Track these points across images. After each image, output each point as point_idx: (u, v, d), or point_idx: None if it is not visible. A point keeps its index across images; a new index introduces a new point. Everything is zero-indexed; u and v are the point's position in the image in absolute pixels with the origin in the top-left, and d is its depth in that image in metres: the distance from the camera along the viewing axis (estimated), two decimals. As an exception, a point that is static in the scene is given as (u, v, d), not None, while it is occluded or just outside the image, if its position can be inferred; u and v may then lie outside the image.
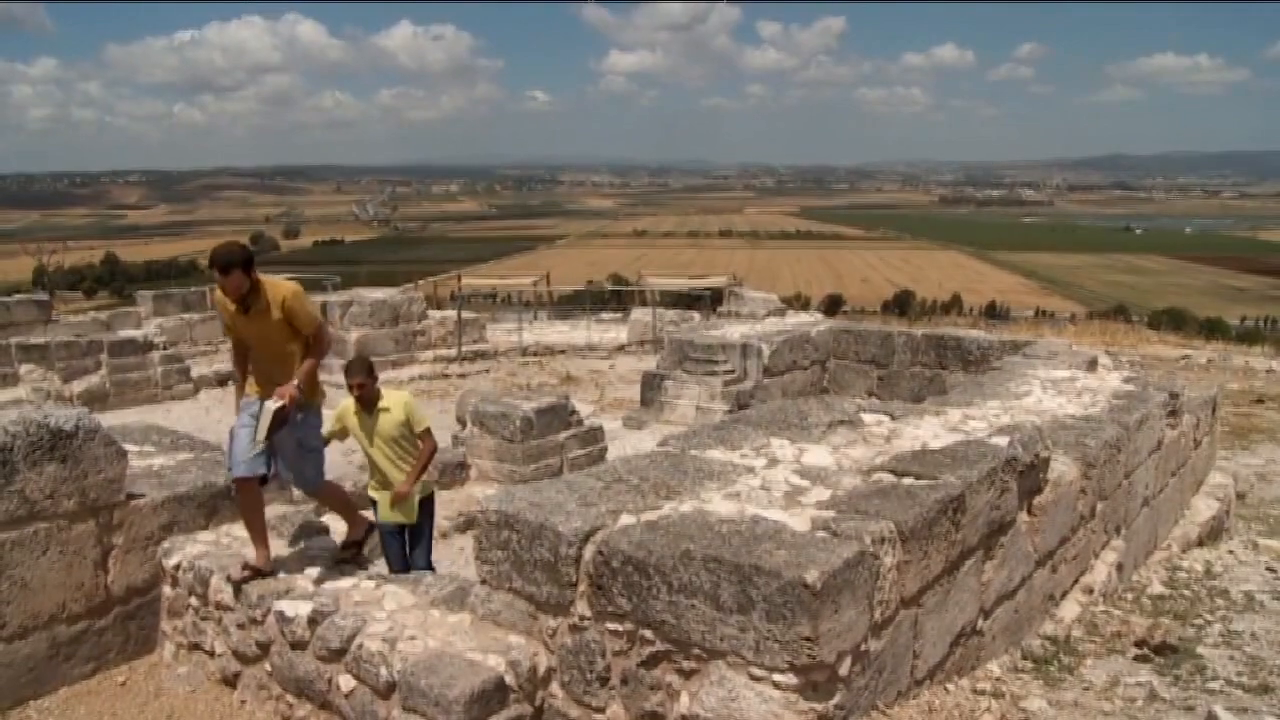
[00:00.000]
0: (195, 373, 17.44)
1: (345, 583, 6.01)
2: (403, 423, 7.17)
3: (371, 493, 7.45)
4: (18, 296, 20.27)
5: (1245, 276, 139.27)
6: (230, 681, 6.01)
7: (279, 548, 6.56)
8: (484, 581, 5.29)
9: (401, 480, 7.23)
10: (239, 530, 6.45)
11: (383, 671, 5.05)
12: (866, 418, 7.13)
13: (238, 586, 5.92)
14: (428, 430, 7.31)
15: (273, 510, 7.19)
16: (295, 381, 5.96)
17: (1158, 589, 8.00)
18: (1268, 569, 8.81)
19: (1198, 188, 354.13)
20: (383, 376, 18.10)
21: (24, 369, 15.61)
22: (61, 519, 5.76)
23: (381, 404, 7.14)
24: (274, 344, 6.09)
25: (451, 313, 21.49)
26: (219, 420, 13.79)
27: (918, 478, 5.46)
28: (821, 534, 4.60)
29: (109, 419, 7.45)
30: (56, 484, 5.69)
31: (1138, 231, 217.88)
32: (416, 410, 7.31)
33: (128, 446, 6.35)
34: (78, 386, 15.75)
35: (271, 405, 5.82)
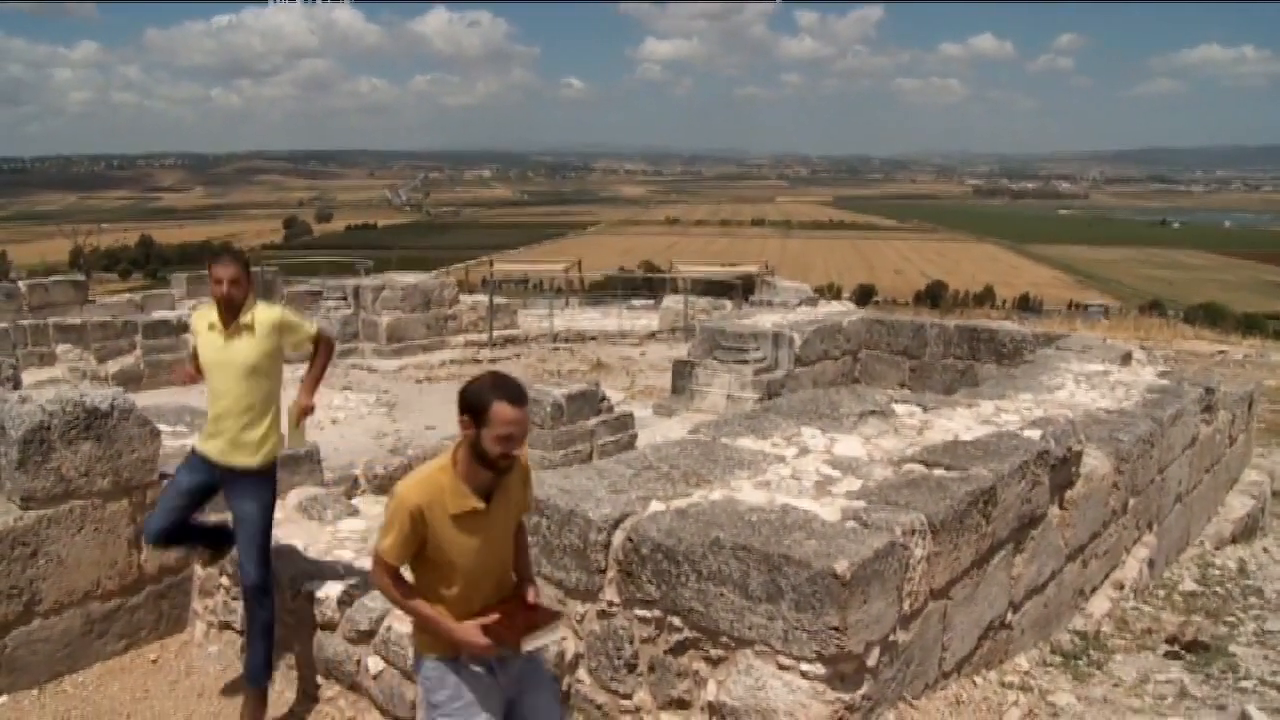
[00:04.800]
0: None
1: (375, 565, 6.04)
2: (269, 350, 5.28)
3: (200, 443, 5.44)
4: (55, 278, 20.51)
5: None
6: (260, 661, 6.06)
7: (310, 529, 6.61)
8: (513, 566, 5.30)
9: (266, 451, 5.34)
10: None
11: (411, 654, 5.07)
12: (898, 408, 7.10)
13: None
14: (320, 332, 5.58)
15: (303, 492, 7.25)
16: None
17: (1190, 586, 7.94)
18: (1303, 568, 8.72)
19: (1238, 181, 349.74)
20: (414, 360, 18.32)
21: (61, 349, 15.79)
22: (96, 497, 5.82)
23: (243, 319, 5.23)
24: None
25: (483, 298, 21.54)
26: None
27: (949, 469, 5.43)
28: (851, 524, 4.59)
29: (143, 399, 7.51)
30: (91, 463, 5.75)
31: (1175, 225, 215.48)
32: (297, 320, 5.51)
33: (161, 426, 6.41)
34: (113, 367, 15.91)
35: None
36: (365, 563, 6.05)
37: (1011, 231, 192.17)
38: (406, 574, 3.78)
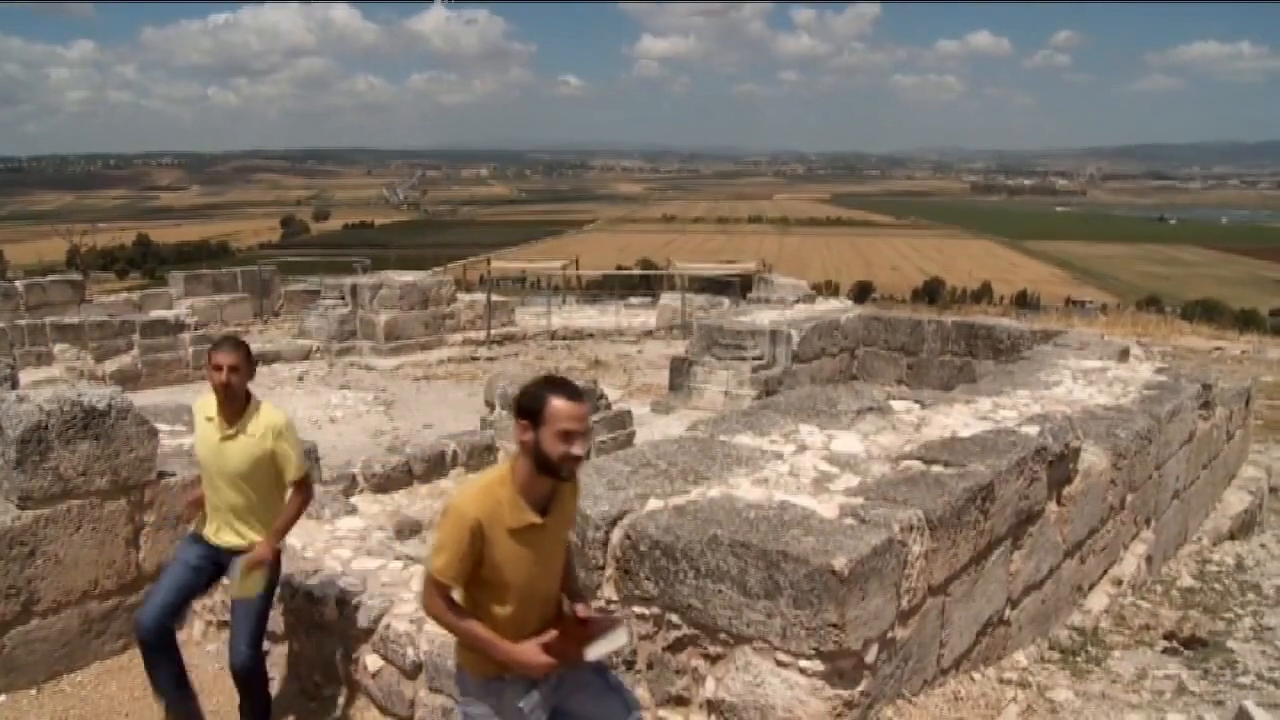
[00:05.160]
0: (226, 353, 17.55)
1: (373, 563, 6.05)
2: (261, 458, 4.90)
3: (197, 523, 5.19)
4: (52, 277, 20.49)
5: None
6: (259, 659, 6.06)
7: (308, 528, 6.61)
8: (511, 564, 5.30)
9: (257, 540, 4.95)
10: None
11: (409, 652, 5.07)
12: (896, 405, 7.10)
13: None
14: (306, 478, 5.07)
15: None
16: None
17: (1188, 582, 7.94)
18: (1300, 563, 8.72)
19: (1235, 178, 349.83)
20: (412, 358, 18.32)
21: (58, 348, 15.78)
22: (94, 496, 5.82)
23: (243, 421, 4.91)
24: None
25: (480, 296, 21.54)
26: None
27: (947, 466, 5.43)
28: (850, 521, 4.59)
29: (140, 398, 7.51)
30: (89, 462, 5.74)
31: (1172, 222, 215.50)
32: (292, 446, 4.98)
33: (159, 426, 6.41)
34: (110, 366, 15.90)
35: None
36: (363, 561, 6.07)
37: (1009, 228, 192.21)
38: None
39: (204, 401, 5.04)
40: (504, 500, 3.47)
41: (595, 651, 3.62)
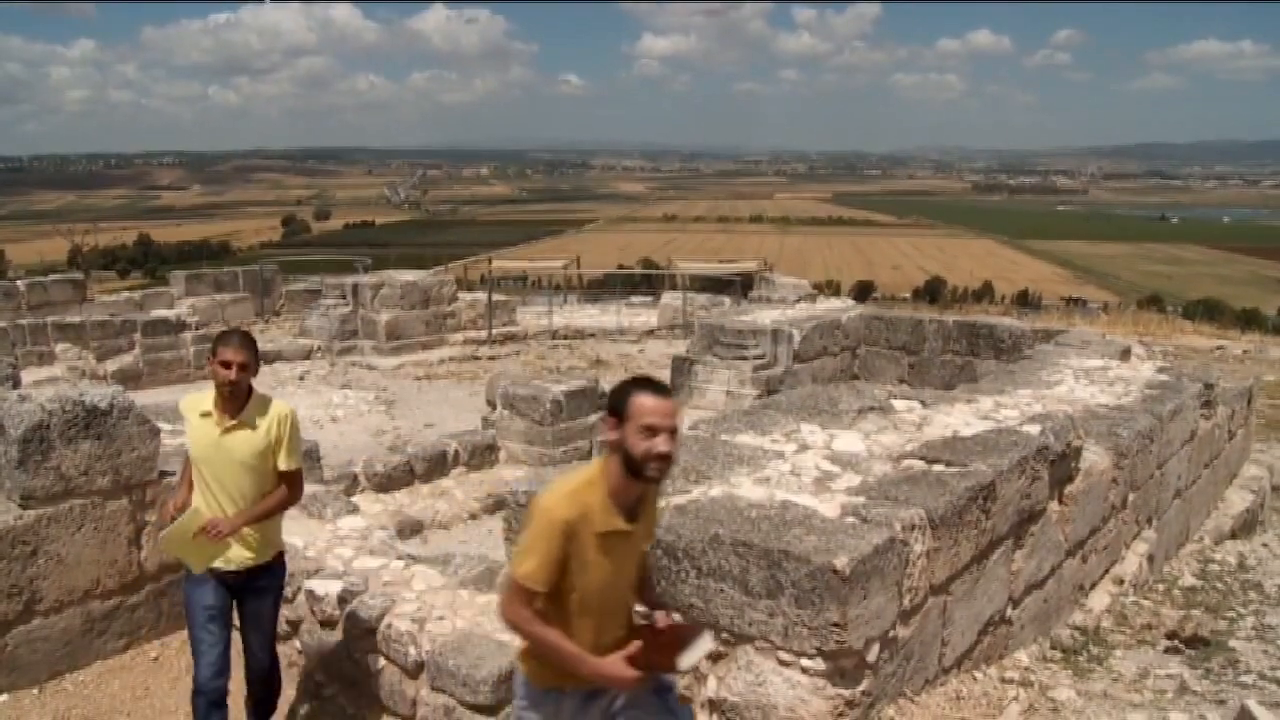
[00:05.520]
0: (227, 353, 17.55)
1: (374, 562, 6.05)
2: (265, 450, 4.70)
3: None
4: (54, 276, 20.47)
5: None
6: (261, 658, 6.06)
7: (310, 527, 6.61)
8: (513, 563, 5.31)
9: (272, 555, 4.87)
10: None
11: (411, 651, 5.07)
12: (897, 404, 7.10)
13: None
14: (298, 472, 4.85)
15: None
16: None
17: (1189, 581, 7.94)
18: (1302, 562, 8.72)
19: (1237, 176, 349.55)
20: (413, 358, 18.32)
21: (60, 347, 15.78)
22: (96, 496, 5.82)
23: (245, 415, 4.67)
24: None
25: (481, 295, 21.53)
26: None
27: (948, 465, 5.43)
28: (851, 520, 4.59)
29: (142, 398, 7.50)
30: (91, 461, 5.74)
31: (1173, 221, 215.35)
32: (293, 437, 4.80)
33: (161, 425, 6.40)
34: (112, 365, 15.91)
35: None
36: (365, 561, 6.06)
37: (1010, 227, 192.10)
38: None
39: (194, 398, 4.78)
40: (594, 503, 3.34)
41: (688, 660, 3.50)
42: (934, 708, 4.72)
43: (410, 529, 8.80)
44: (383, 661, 5.26)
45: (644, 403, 3.28)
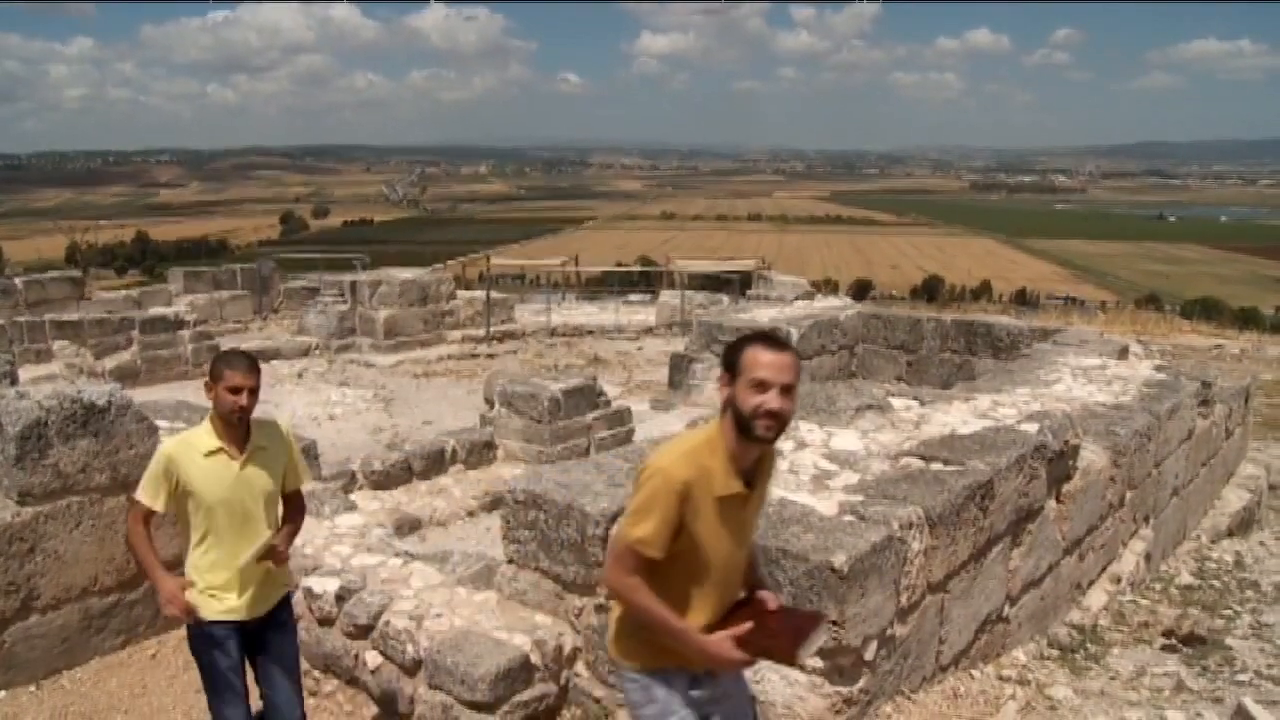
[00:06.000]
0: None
1: (372, 560, 6.05)
2: (283, 471, 4.32)
3: (204, 586, 4.17)
4: (52, 274, 20.45)
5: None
6: (258, 656, 6.06)
7: (308, 524, 6.61)
8: (510, 561, 5.31)
9: (265, 542, 4.16)
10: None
11: (409, 649, 5.08)
12: (895, 403, 7.11)
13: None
14: (297, 491, 4.47)
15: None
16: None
17: (1186, 579, 7.95)
18: (1299, 561, 8.74)
19: (1235, 175, 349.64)
20: (411, 355, 18.33)
21: (57, 345, 15.76)
22: (94, 493, 5.82)
23: (254, 440, 4.17)
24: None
25: (480, 293, 21.52)
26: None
27: (946, 463, 5.44)
28: (849, 518, 4.60)
29: (140, 395, 7.50)
30: (89, 458, 5.74)
31: (1171, 219, 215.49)
32: (298, 450, 4.45)
33: (159, 422, 6.40)
34: (110, 363, 15.89)
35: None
36: (363, 558, 6.07)
37: (1008, 226, 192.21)
38: None
39: (183, 441, 4.15)
40: (713, 465, 3.11)
41: (806, 653, 3.24)
42: (931, 706, 4.72)
43: (408, 527, 8.80)
44: (380, 659, 5.26)
45: (758, 355, 3.05)
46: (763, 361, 3.03)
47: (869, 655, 4.34)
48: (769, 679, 4.27)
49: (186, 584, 4.18)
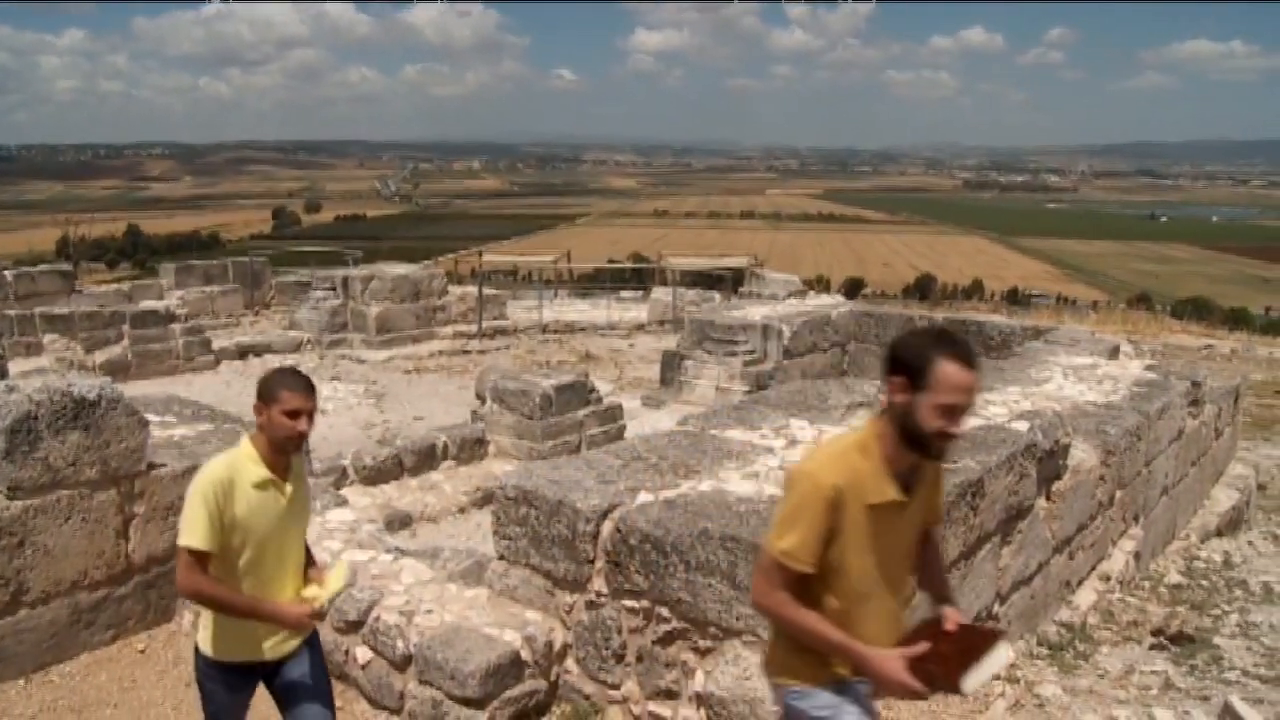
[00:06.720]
0: (216, 345, 17.51)
1: (362, 555, 6.05)
2: (310, 502, 4.01)
3: (236, 652, 3.73)
4: (42, 267, 20.39)
5: (1273, 267, 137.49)
6: (248, 651, 6.05)
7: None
8: (501, 557, 5.31)
9: (306, 593, 3.75)
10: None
11: (399, 644, 5.08)
12: (886, 401, 7.11)
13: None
14: None
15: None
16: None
17: (1175, 578, 7.98)
18: (1287, 560, 8.77)
19: (1226, 176, 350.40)
20: (403, 351, 18.31)
21: (48, 339, 15.72)
22: (84, 487, 5.80)
23: (295, 468, 3.73)
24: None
25: (472, 289, 21.50)
26: (240, 393, 13.86)
27: (937, 462, 5.44)
28: (839, 516, 4.60)
29: (131, 389, 7.48)
30: (79, 452, 5.73)
31: (1163, 219, 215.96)
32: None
33: (149, 417, 6.39)
34: (100, 357, 15.84)
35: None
36: (353, 553, 6.06)
37: (1000, 225, 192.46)
38: None
39: (234, 467, 3.57)
40: (865, 470, 2.86)
41: (975, 679, 2.90)
42: (920, 703, 4.73)
43: (399, 522, 8.80)
44: (371, 654, 5.26)
45: (952, 375, 2.75)
46: (958, 384, 2.76)
47: (859, 652, 4.34)
48: (759, 676, 4.28)
49: (299, 602, 3.74)
